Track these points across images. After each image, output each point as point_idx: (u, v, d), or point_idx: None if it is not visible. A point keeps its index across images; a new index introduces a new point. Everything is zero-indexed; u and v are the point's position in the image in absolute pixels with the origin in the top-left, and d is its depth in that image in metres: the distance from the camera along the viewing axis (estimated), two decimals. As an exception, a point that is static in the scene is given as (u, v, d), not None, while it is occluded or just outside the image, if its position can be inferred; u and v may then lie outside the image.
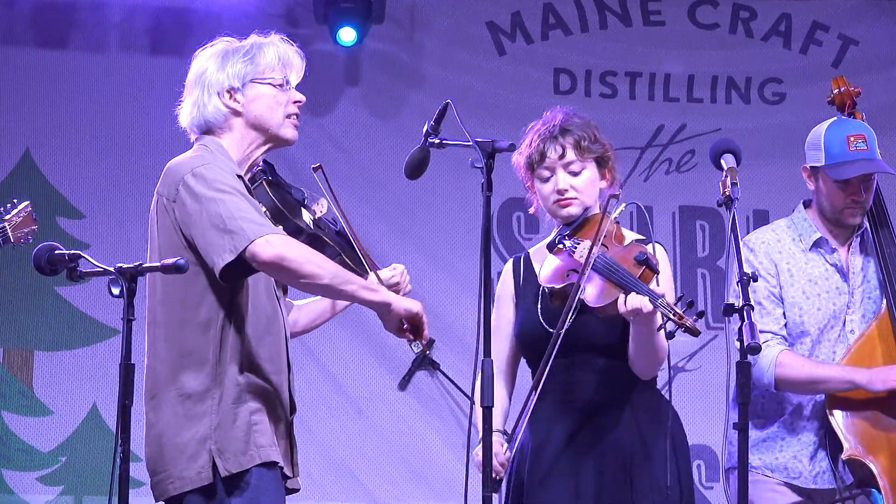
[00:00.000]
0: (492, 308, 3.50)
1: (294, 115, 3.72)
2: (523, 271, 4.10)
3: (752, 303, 3.58)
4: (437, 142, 3.68)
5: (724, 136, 6.28)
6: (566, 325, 3.76)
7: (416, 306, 3.53)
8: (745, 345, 3.52)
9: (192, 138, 3.73)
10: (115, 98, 6.94)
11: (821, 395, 4.26)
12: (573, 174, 3.97)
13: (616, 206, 3.88)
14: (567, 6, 7.32)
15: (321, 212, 3.83)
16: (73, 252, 3.51)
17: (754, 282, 3.64)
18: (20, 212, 5.70)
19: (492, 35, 7.27)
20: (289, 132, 3.71)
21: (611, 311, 3.72)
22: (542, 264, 3.93)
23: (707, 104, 7.33)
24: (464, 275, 6.85)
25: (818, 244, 4.37)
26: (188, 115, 3.70)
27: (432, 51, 7.22)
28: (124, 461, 3.41)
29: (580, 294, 3.74)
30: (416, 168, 3.72)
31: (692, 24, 7.39)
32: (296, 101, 3.72)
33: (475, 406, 3.64)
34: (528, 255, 4.14)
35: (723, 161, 3.88)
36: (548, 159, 3.98)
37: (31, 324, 6.79)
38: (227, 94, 3.66)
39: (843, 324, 4.32)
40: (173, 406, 3.51)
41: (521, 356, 4.10)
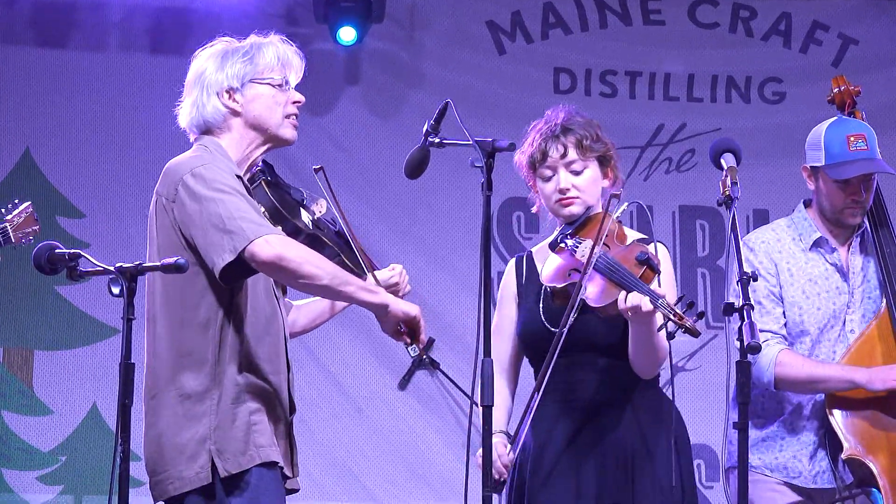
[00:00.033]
0: (492, 308, 3.49)
1: (293, 116, 3.71)
2: (526, 270, 4.09)
3: (752, 302, 3.58)
4: (437, 141, 3.68)
5: (723, 135, 6.29)
6: (568, 325, 3.77)
7: (413, 309, 3.53)
8: (745, 344, 3.52)
9: (192, 138, 3.72)
10: (115, 97, 6.93)
11: (820, 395, 4.26)
12: (575, 173, 3.97)
13: (618, 205, 3.88)
14: (567, 5, 7.31)
15: (320, 212, 3.82)
16: (74, 251, 3.50)
17: (754, 281, 3.64)
18: (21, 212, 5.70)
19: (492, 34, 7.26)
20: (288, 132, 3.71)
21: (612, 310, 3.72)
22: (544, 263, 3.93)
23: (707, 103, 7.33)
24: (464, 274, 6.85)
25: (818, 244, 4.36)
26: (187, 115, 3.70)
27: (432, 50, 7.21)
28: (124, 460, 3.40)
29: (581, 294, 3.74)
30: (416, 167, 3.71)
31: (692, 24, 7.38)
32: (295, 102, 3.72)
33: (476, 406, 3.64)
34: (530, 255, 4.14)
35: (723, 160, 3.87)
36: (550, 158, 3.97)
37: (31, 323, 6.78)
38: (226, 95, 3.65)
39: (843, 323, 4.32)
40: (173, 406, 3.51)
41: (524, 356, 4.10)
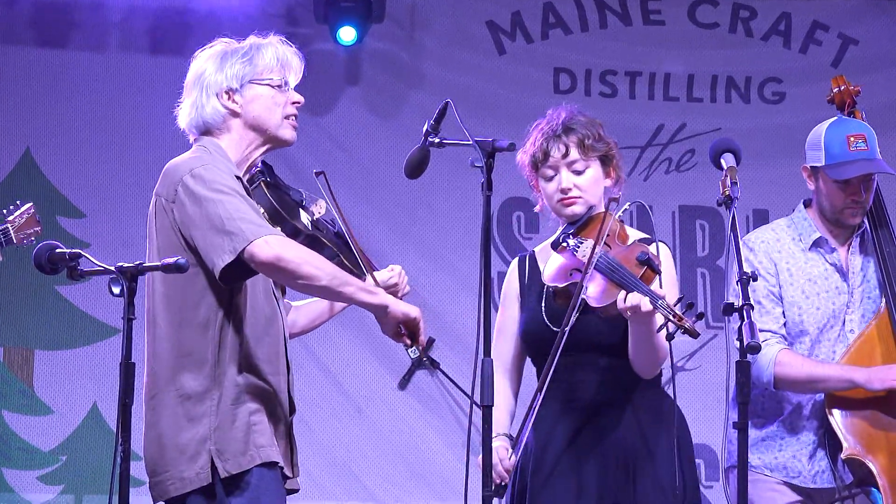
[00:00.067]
0: (492, 307, 3.49)
1: (292, 116, 3.71)
2: (528, 270, 4.09)
3: (752, 302, 3.57)
4: (437, 141, 3.67)
5: (723, 135, 6.29)
6: (570, 325, 3.77)
7: (413, 311, 3.53)
8: (745, 344, 3.51)
9: (191, 139, 3.72)
10: (115, 97, 6.94)
11: (820, 395, 4.26)
12: (577, 173, 3.97)
13: (618, 207, 3.88)
14: (567, 5, 7.32)
15: (319, 213, 3.82)
16: (74, 251, 3.50)
17: (754, 281, 3.63)
18: (23, 213, 5.72)
19: (492, 34, 7.26)
20: (287, 133, 3.71)
21: (612, 311, 3.72)
22: (546, 263, 3.93)
23: (707, 104, 7.33)
24: (464, 274, 6.85)
25: (818, 244, 4.37)
26: (187, 115, 3.70)
27: (432, 50, 7.21)
28: (125, 460, 3.40)
29: (582, 293, 3.74)
30: (416, 167, 3.71)
31: (692, 24, 7.38)
32: (294, 102, 3.72)
33: (476, 406, 3.63)
34: (533, 254, 4.14)
35: (722, 160, 3.87)
36: (551, 158, 3.97)
37: (31, 323, 6.78)
38: (225, 95, 3.65)
39: (843, 323, 4.32)
40: (173, 407, 3.51)
41: (527, 355, 4.10)
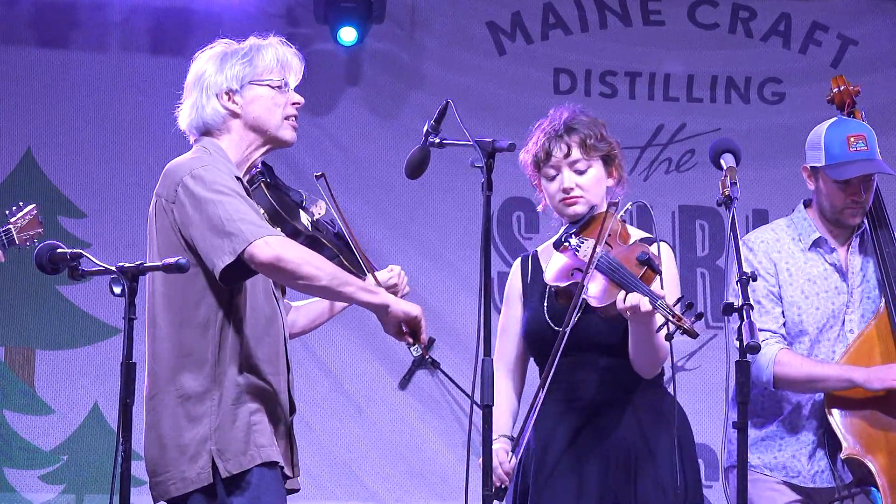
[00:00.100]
0: (492, 307, 3.50)
1: (292, 117, 3.71)
2: (531, 270, 4.09)
3: (752, 302, 3.57)
4: (437, 141, 3.67)
5: (723, 135, 6.30)
6: (571, 324, 3.77)
7: (414, 309, 3.53)
8: (745, 344, 3.51)
9: (191, 140, 3.72)
10: (116, 98, 6.94)
11: (820, 395, 4.26)
12: (579, 173, 3.97)
13: (617, 210, 3.87)
14: (567, 6, 7.32)
15: (319, 214, 3.82)
16: (75, 251, 3.49)
17: (753, 281, 3.63)
18: (26, 214, 5.73)
19: (492, 35, 7.27)
20: (287, 134, 3.71)
21: (612, 311, 3.72)
22: (548, 263, 3.94)
23: (707, 104, 7.33)
24: (464, 274, 6.85)
25: (817, 244, 4.37)
26: (187, 116, 3.70)
27: (432, 51, 7.22)
28: (126, 460, 3.40)
29: (584, 293, 3.74)
30: (416, 168, 3.71)
31: (692, 24, 7.39)
32: (294, 103, 3.72)
33: (476, 406, 3.64)
34: (535, 254, 4.14)
35: (722, 161, 3.88)
36: (553, 158, 3.98)
37: (32, 322, 6.78)
38: (225, 96, 3.66)
39: (843, 323, 4.32)
40: (173, 407, 3.51)
41: (530, 355, 4.10)
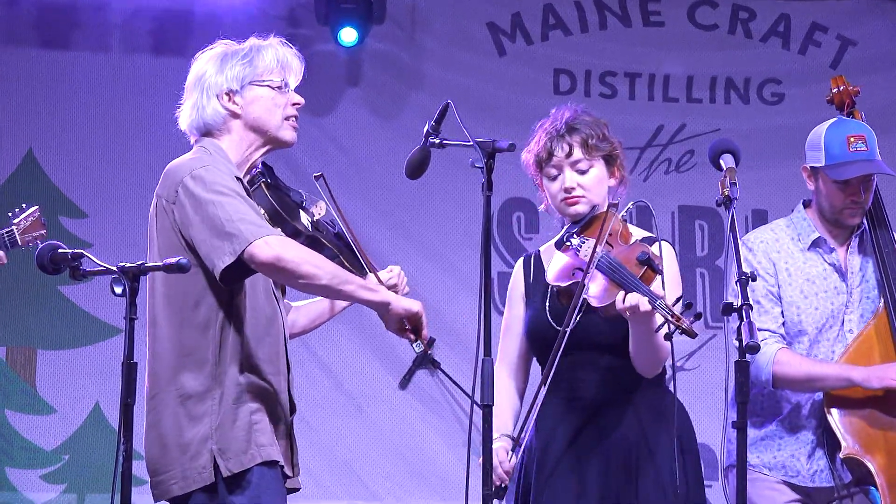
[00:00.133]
0: (492, 308, 3.50)
1: (293, 118, 3.72)
2: (533, 270, 4.09)
3: (751, 302, 3.57)
4: (437, 142, 3.68)
5: (723, 136, 6.32)
6: (572, 324, 3.78)
7: (415, 306, 3.54)
8: (744, 344, 3.51)
9: (192, 140, 3.73)
10: (117, 98, 6.95)
11: (819, 394, 4.26)
12: (580, 172, 3.98)
13: (617, 212, 3.88)
14: (567, 7, 7.33)
15: (319, 214, 3.82)
16: (76, 251, 3.50)
17: (753, 281, 3.64)
18: (29, 216, 5.75)
19: (492, 35, 7.28)
20: (287, 134, 3.72)
21: (613, 311, 3.71)
22: (550, 262, 3.95)
23: (706, 104, 7.34)
24: (464, 274, 6.86)
25: (817, 244, 4.37)
26: (187, 117, 3.71)
27: (433, 51, 7.23)
28: (127, 459, 3.40)
29: (584, 293, 3.75)
30: (416, 168, 3.71)
31: (691, 25, 7.40)
32: (294, 104, 3.72)
33: (476, 406, 3.64)
34: (538, 254, 4.14)
35: (722, 161, 3.88)
36: (555, 158, 3.98)
37: (34, 322, 6.80)
38: (225, 97, 3.66)
39: (842, 323, 4.33)
40: (174, 407, 3.52)
41: (532, 354, 4.11)
